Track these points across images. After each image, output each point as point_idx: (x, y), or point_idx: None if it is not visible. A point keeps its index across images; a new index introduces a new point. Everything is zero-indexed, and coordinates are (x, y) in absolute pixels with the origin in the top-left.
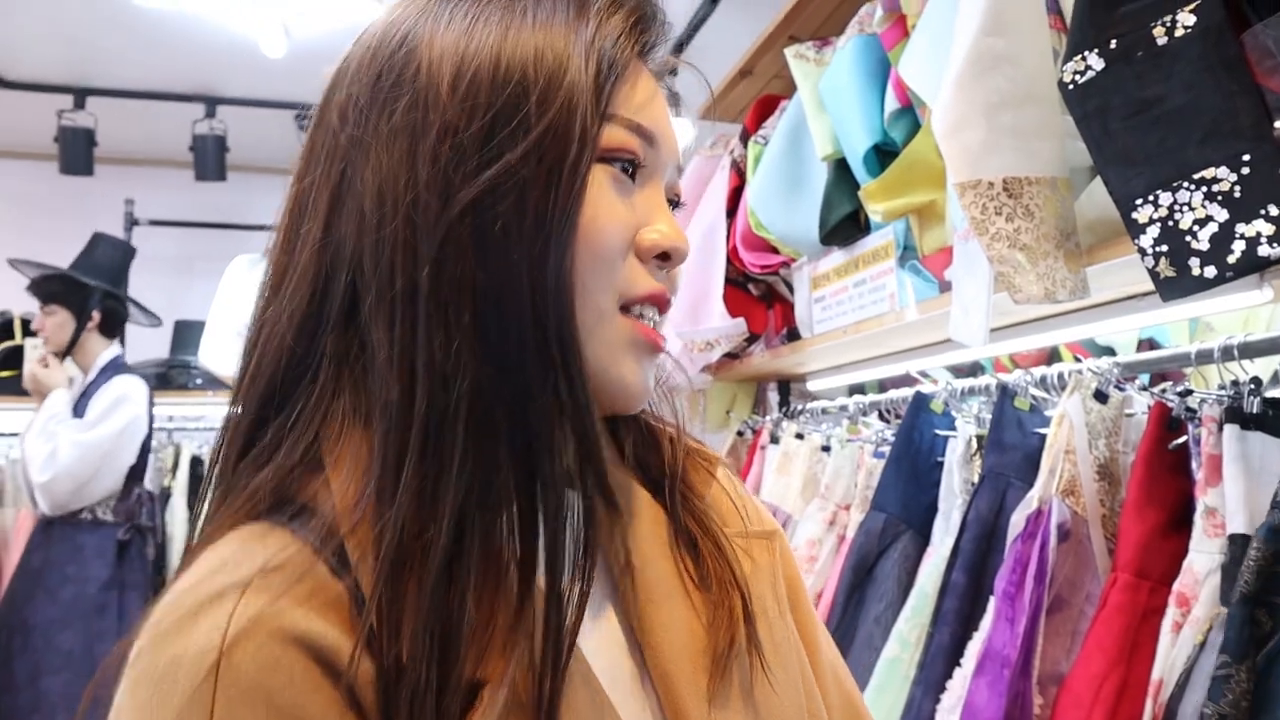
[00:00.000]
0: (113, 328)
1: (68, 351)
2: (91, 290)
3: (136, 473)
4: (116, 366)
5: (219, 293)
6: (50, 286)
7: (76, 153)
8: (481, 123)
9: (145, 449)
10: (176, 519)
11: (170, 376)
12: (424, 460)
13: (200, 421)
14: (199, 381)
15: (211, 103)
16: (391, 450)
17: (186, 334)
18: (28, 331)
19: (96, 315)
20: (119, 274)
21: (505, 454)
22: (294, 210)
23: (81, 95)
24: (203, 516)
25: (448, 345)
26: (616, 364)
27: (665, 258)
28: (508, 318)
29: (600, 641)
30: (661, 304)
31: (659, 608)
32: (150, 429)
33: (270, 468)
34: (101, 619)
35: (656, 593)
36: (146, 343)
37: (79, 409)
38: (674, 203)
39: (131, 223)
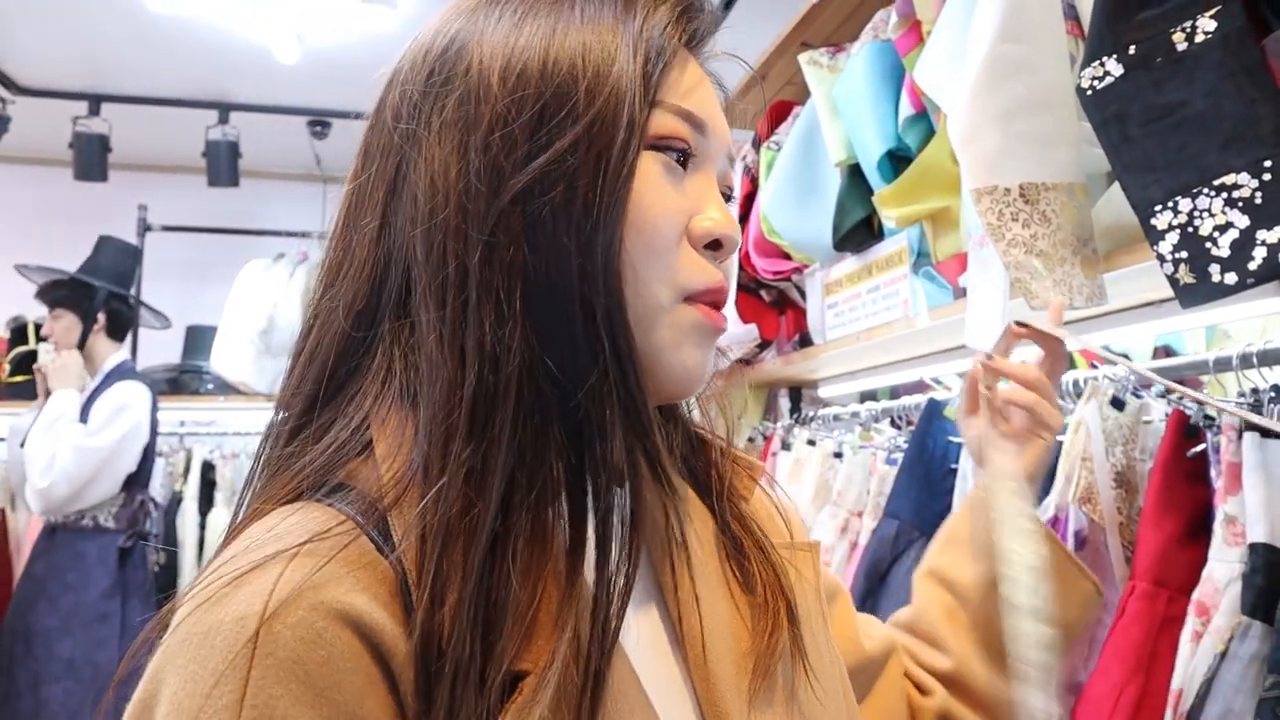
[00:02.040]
0: (119, 330)
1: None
2: (96, 292)
3: (138, 479)
4: (122, 371)
5: (231, 298)
6: (56, 291)
7: (91, 159)
8: (531, 113)
9: (147, 456)
10: (188, 524)
11: (182, 381)
12: (472, 438)
13: (211, 426)
14: (210, 387)
15: (225, 109)
16: (439, 428)
17: (199, 339)
18: (41, 337)
19: (101, 317)
20: (125, 276)
21: (555, 435)
22: (350, 207)
23: (96, 102)
24: (250, 494)
25: (499, 327)
26: (678, 349)
27: (718, 245)
28: (557, 301)
29: (640, 636)
30: (719, 299)
31: (702, 606)
32: (154, 435)
33: (321, 445)
34: (103, 627)
35: (700, 590)
36: (159, 348)
37: (83, 414)
38: (726, 195)
39: (145, 228)
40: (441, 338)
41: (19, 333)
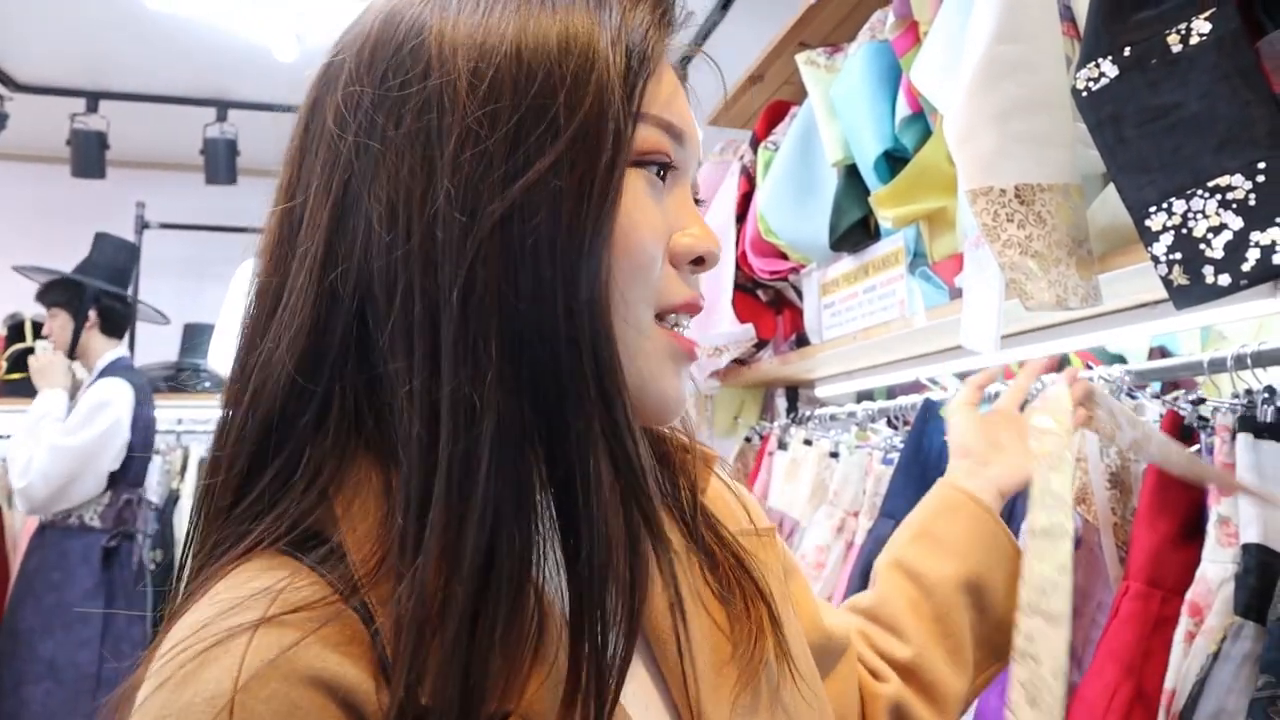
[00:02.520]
0: (114, 327)
1: (71, 353)
2: (86, 290)
3: (124, 477)
4: (114, 368)
5: (228, 296)
6: (52, 291)
7: (89, 156)
8: (507, 127)
9: (132, 453)
10: (184, 521)
11: (180, 379)
12: (448, 508)
13: (209, 424)
14: (208, 384)
15: (223, 107)
16: (414, 496)
17: (196, 337)
18: (39, 334)
19: (93, 315)
20: (120, 273)
21: (540, 494)
22: (285, 224)
23: (94, 99)
24: (188, 564)
25: (476, 379)
26: (658, 378)
27: (700, 262)
28: (540, 342)
29: None
30: (694, 311)
31: (680, 621)
32: (144, 432)
33: (273, 515)
34: (84, 627)
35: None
36: (157, 345)
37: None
38: (696, 202)
39: (142, 226)
40: (412, 393)
41: (16, 330)
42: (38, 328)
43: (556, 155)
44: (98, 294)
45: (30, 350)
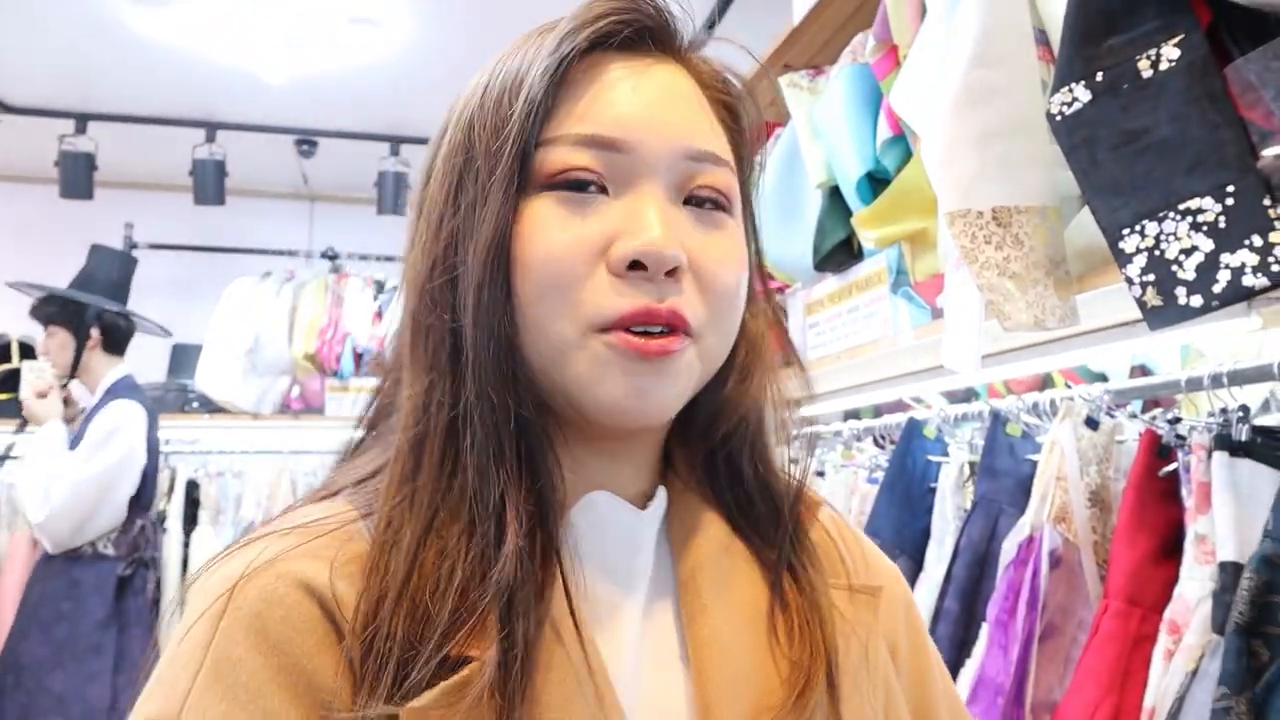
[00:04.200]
0: (116, 344)
1: (73, 373)
2: (87, 307)
3: (139, 502)
4: (119, 389)
5: (217, 316)
6: (48, 308)
7: (77, 177)
8: (452, 178)
9: (148, 478)
10: (172, 543)
11: (167, 400)
12: (404, 480)
13: (195, 445)
14: (195, 405)
15: (211, 128)
16: (394, 463)
17: (183, 357)
18: (25, 354)
19: (95, 333)
20: (118, 287)
21: (474, 477)
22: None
23: (83, 120)
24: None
25: (429, 384)
26: (600, 382)
27: (639, 266)
28: (462, 354)
29: (647, 658)
30: (644, 320)
31: (722, 657)
32: (155, 455)
33: (360, 460)
34: (97, 659)
35: (725, 638)
36: (144, 366)
37: (81, 433)
38: (700, 200)
39: (130, 246)
40: (404, 385)
41: (2, 351)
42: (24, 348)
43: (470, 199)
44: (99, 310)
45: (16, 372)
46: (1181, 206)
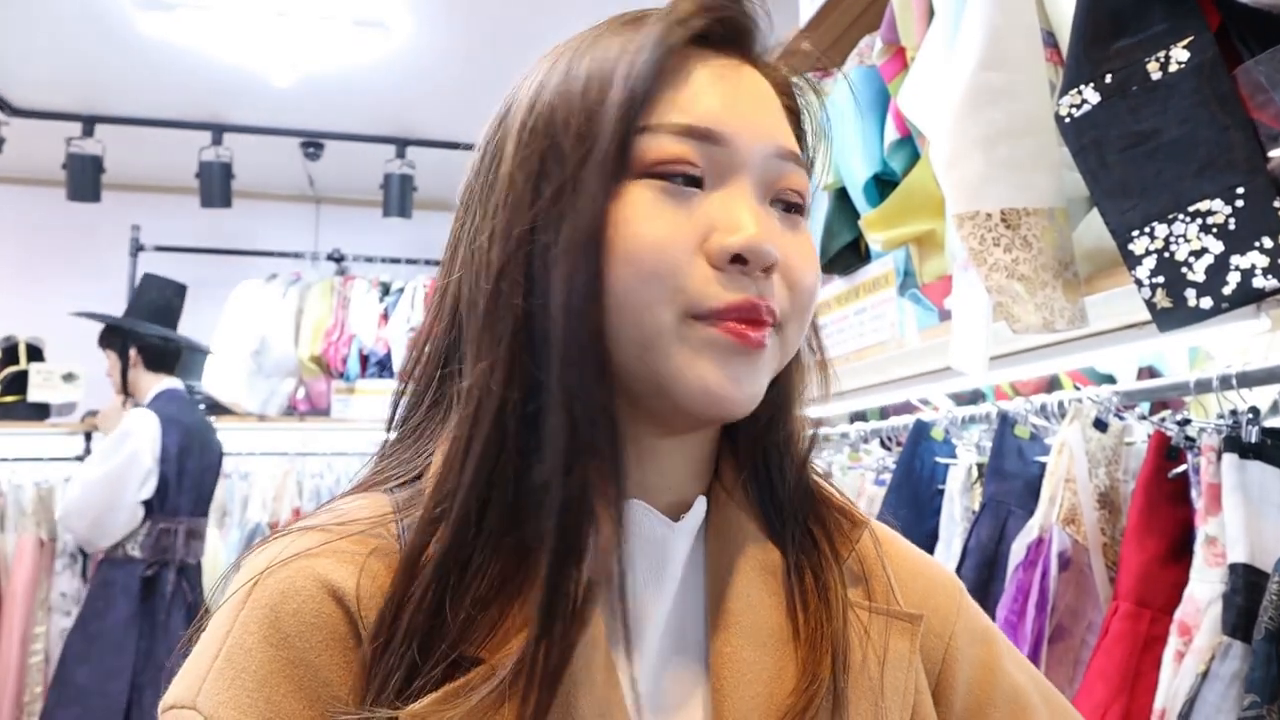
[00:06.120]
0: (158, 361)
1: (125, 390)
2: (126, 332)
3: (159, 507)
4: (156, 401)
5: (224, 318)
6: (102, 333)
7: (84, 179)
8: (533, 166)
9: (164, 481)
10: None
11: None
12: (447, 481)
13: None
14: (202, 407)
15: (218, 130)
16: (444, 463)
17: (190, 359)
18: (33, 357)
19: (134, 353)
20: (162, 310)
21: (535, 474)
22: (448, 250)
23: (90, 123)
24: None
25: (494, 371)
26: (693, 366)
27: (742, 260)
28: (544, 341)
29: (668, 674)
30: (745, 314)
31: (740, 659)
32: (173, 461)
33: (400, 458)
34: (118, 656)
35: (746, 639)
36: None
37: None
38: (785, 203)
39: (137, 248)
40: (461, 378)
41: (10, 353)
42: (32, 350)
43: (560, 183)
44: (138, 334)
45: (24, 374)
46: (1191, 208)
